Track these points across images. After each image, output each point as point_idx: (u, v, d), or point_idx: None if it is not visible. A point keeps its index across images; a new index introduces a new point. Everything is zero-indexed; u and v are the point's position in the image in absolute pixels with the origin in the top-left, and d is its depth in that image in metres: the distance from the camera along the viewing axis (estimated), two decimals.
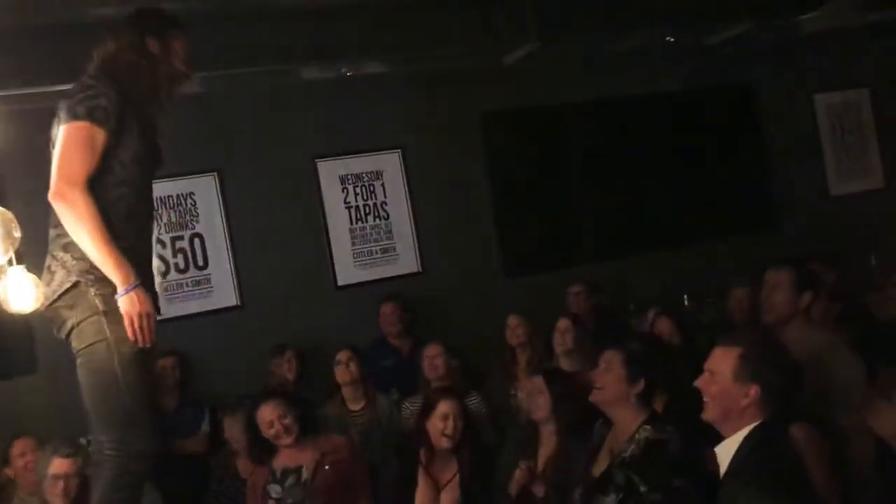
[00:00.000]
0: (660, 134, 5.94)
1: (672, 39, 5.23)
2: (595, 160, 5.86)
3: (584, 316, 5.02)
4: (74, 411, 2.61)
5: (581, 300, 5.11)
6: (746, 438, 2.38)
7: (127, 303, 2.33)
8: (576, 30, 5.00)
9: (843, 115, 6.54)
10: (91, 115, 2.36)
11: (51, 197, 2.36)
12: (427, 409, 3.62)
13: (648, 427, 2.87)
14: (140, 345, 2.36)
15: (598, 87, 5.79)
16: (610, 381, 2.99)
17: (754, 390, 2.39)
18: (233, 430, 4.03)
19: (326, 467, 3.56)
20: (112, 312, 2.35)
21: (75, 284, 2.37)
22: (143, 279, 2.40)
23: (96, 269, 2.36)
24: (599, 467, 3.07)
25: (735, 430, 2.41)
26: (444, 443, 3.54)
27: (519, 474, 3.32)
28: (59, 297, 2.40)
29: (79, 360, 2.42)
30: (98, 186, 2.38)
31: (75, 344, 2.42)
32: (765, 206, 6.20)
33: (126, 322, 2.34)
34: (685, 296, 5.28)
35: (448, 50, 4.95)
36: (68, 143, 2.36)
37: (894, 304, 3.73)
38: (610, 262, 5.71)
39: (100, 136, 2.36)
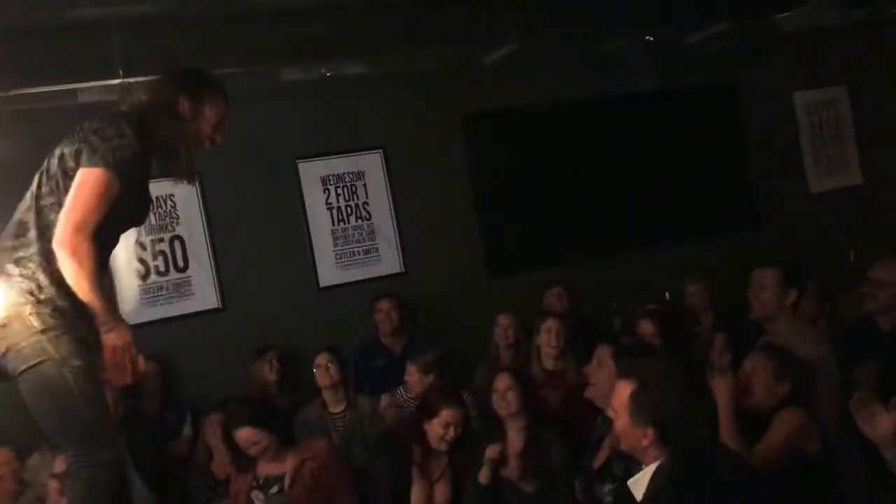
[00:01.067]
0: (641, 133, 5.96)
1: (651, 39, 5.25)
2: (576, 160, 5.88)
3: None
4: None
5: (563, 302, 5.12)
6: (654, 475, 2.39)
7: (113, 338, 2.30)
8: (556, 30, 5.02)
9: (822, 112, 6.59)
10: (117, 167, 2.30)
11: (58, 244, 2.28)
12: (429, 413, 3.63)
13: None
14: (121, 382, 2.34)
15: (579, 87, 5.80)
16: (603, 376, 3.00)
17: (650, 432, 2.39)
18: (211, 437, 4.01)
19: (306, 474, 3.56)
20: (53, 329, 2.29)
21: (12, 302, 2.30)
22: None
23: (44, 292, 2.30)
24: (600, 459, 3.10)
25: (647, 463, 2.44)
26: (444, 447, 3.59)
27: (490, 452, 3.37)
28: None
29: (22, 383, 2.33)
30: None
31: (13, 366, 2.32)
32: (745, 204, 6.24)
33: (108, 356, 2.30)
34: (666, 294, 5.30)
35: (429, 50, 4.94)
36: (90, 191, 2.28)
37: (872, 300, 3.75)
38: (592, 261, 5.73)
39: (116, 187, 2.32)
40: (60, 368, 2.26)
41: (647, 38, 5.22)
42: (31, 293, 2.28)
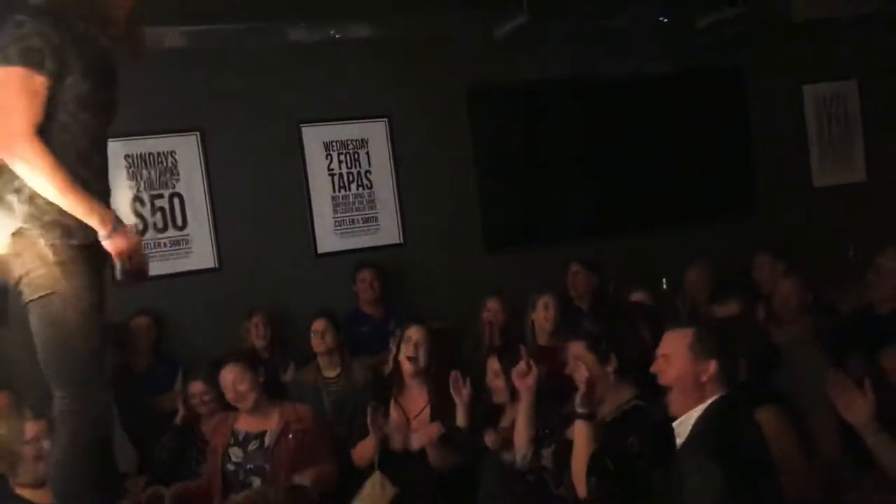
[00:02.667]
0: (647, 114, 5.92)
1: (665, 20, 5.20)
2: (581, 139, 5.84)
3: (582, 296, 5.05)
4: None
5: (580, 280, 5.09)
6: (705, 412, 2.45)
7: (116, 244, 2.23)
8: (568, 5, 4.97)
9: (831, 106, 6.55)
10: (25, 59, 2.16)
11: (3, 154, 2.20)
12: (399, 341, 3.72)
13: (636, 401, 2.87)
14: (140, 280, 2.30)
15: (587, 65, 5.74)
16: (583, 371, 2.96)
17: (713, 365, 2.47)
18: (196, 389, 4.01)
19: (290, 436, 3.55)
20: (65, 263, 2.23)
21: (20, 231, 2.24)
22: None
23: (46, 213, 2.22)
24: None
25: (694, 406, 2.47)
26: (408, 367, 3.60)
27: (490, 441, 3.37)
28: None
29: (30, 313, 2.29)
30: (41, 135, 2.20)
31: (25, 294, 2.27)
32: (746, 192, 6.22)
33: (119, 262, 2.24)
34: (663, 279, 5.29)
35: (439, 18, 4.89)
36: (7, 91, 2.16)
37: (876, 288, 3.75)
38: (590, 242, 5.71)
39: (37, 81, 2.18)
40: (67, 302, 2.23)
41: (660, 18, 5.16)
42: (35, 217, 2.24)
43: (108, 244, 2.24)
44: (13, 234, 2.25)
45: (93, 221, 2.22)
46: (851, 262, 5.35)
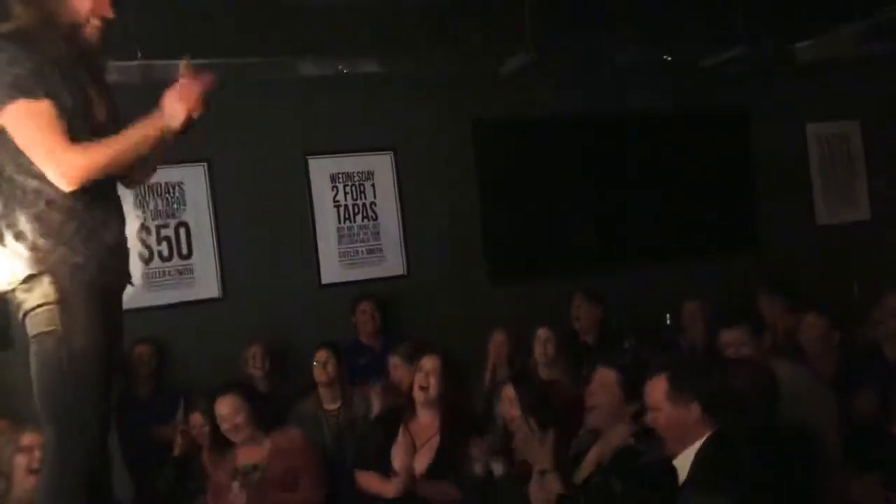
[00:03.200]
0: (650, 151, 5.97)
1: (668, 58, 5.26)
2: (583, 174, 5.89)
3: (587, 329, 5.03)
4: None
5: (583, 312, 5.07)
6: (699, 451, 2.45)
7: (174, 96, 2.18)
8: (573, 42, 5.03)
9: (834, 145, 6.59)
10: (21, 90, 2.10)
11: (68, 187, 2.13)
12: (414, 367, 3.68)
13: (632, 440, 2.87)
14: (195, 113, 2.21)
15: (592, 102, 5.81)
16: (605, 400, 2.96)
17: (694, 408, 2.46)
18: (196, 420, 4.00)
19: (280, 460, 3.53)
20: (67, 303, 2.17)
21: (30, 274, 2.19)
22: (116, 262, 2.26)
23: (51, 254, 2.17)
24: (582, 474, 3.07)
25: (689, 445, 2.48)
26: (419, 396, 3.57)
27: (497, 469, 3.34)
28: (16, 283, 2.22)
29: (31, 348, 2.25)
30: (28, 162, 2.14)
31: (29, 329, 2.24)
32: (749, 230, 6.23)
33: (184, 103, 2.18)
34: (667, 315, 5.28)
35: (445, 55, 4.96)
36: (23, 132, 2.11)
37: (883, 326, 3.74)
38: (593, 275, 5.71)
39: (43, 105, 2.11)
40: (63, 342, 2.19)
41: (664, 57, 5.22)
42: (40, 260, 2.18)
43: (175, 122, 2.20)
44: (27, 277, 2.21)
45: (162, 135, 2.20)
46: (856, 300, 5.35)
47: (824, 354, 3.96)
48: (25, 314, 2.23)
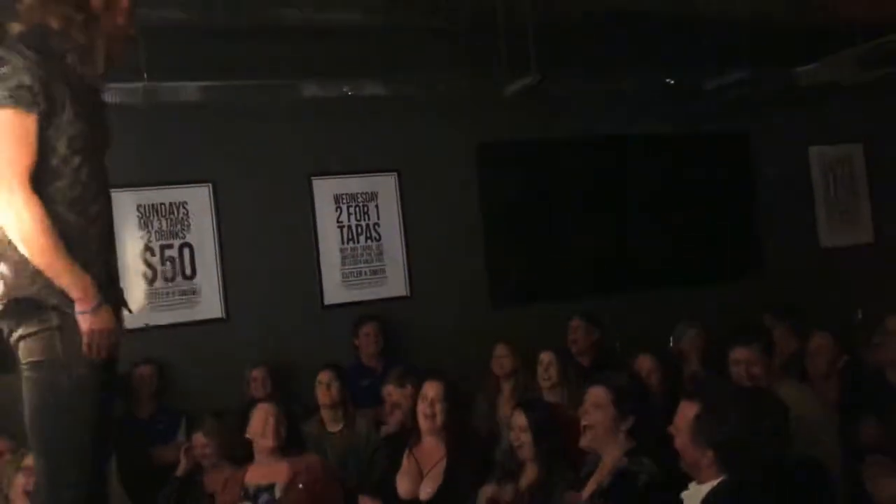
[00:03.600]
0: (653, 175, 5.98)
1: (672, 82, 5.28)
2: (586, 197, 5.90)
3: (583, 352, 5.02)
4: None
5: (580, 335, 5.06)
6: (709, 494, 2.40)
7: (87, 321, 2.02)
8: (577, 65, 5.05)
9: (837, 168, 6.60)
10: (15, 98, 1.97)
11: (7, 218, 1.97)
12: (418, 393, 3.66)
13: (626, 459, 2.85)
14: (98, 355, 2.04)
15: (595, 124, 5.83)
16: (599, 419, 2.95)
17: (710, 453, 2.42)
18: (199, 440, 3.98)
19: (300, 486, 3.51)
20: (67, 329, 2.03)
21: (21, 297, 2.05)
22: (103, 289, 2.08)
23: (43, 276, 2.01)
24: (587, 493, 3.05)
25: (702, 481, 2.44)
26: (425, 424, 3.54)
27: (494, 490, 3.30)
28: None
29: (24, 374, 2.09)
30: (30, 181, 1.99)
31: (21, 356, 2.09)
32: (753, 253, 6.23)
33: (85, 340, 2.02)
34: (671, 338, 5.26)
35: (450, 77, 4.99)
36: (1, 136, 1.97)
37: (885, 350, 3.73)
38: (596, 299, 5.70)
39: (30, 121, 1.98)
40: (63, 373, 2.04)
41: (667, 80, 5.24)
42: (32, 283, 2.04)
43: (81, 319, 2.02)
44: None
45: (75, 293, 2.01)
46: (859, 323, 5.33)
47: (829, 377, 3.94)
48: (19, 339, 2.09)
